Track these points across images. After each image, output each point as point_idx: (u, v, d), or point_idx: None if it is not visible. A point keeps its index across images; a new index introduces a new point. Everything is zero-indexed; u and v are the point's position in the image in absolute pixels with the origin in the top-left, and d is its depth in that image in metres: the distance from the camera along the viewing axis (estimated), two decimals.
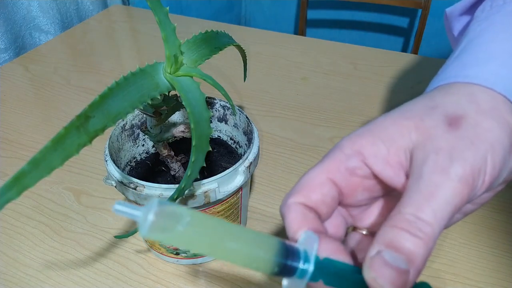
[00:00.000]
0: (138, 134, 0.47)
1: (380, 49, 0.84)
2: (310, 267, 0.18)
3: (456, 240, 0.46)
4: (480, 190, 0.20)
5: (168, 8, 0.29)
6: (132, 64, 0.81)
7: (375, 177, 0.22)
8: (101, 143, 0.38)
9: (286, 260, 0.18)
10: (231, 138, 0.49)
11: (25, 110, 0.69)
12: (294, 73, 0.77)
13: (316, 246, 0.19)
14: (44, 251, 0.46)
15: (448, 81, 0.23)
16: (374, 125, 0.22)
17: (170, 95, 0.35)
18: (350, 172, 0.22)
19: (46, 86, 0.75)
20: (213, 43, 0.34)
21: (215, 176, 0.36)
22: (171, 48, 0.29)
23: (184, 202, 0.36)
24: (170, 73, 0.30)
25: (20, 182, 0.21)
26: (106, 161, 0.39)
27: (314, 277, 0.19)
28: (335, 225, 0.23)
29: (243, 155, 0.39)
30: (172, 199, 0.29)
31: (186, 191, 0.31)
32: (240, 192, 0.41)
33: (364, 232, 0.24)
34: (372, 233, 0.24)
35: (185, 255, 0.43)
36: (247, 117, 0.44)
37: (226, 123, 0.48)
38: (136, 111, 0.45)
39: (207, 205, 0.38)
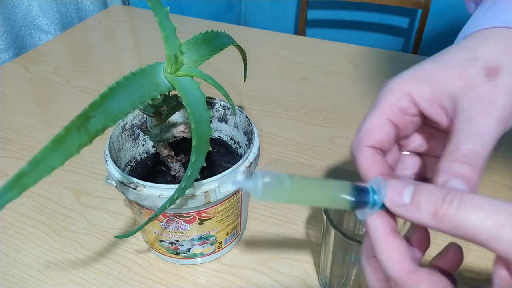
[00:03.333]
0: (138, 134, 0.47)
1: (380, 49, 0.84)
2: (379, 201, 0.23)
3: (456, 241, 0.46)
4: (509, 127, 0.24)
5: (168, 8, 0.29)
6: (132, 64, 0.81)
7: (421, 114, 0.26)
8: (101, 143, 0.38)
9: (358, 197, 0.23)
10: (231, 138, 0.49)
11: (25, 110, 0.69)
12: (294, 73, 0.77)
13: (383, 185, 0.23)
14: (44, 251, 0.46)
15: (484, 27, 0.26)
16: (420, 71, 0.26)
17: (170, 95, 0.35)
18: (403, 111, 0.26)
19: (46, 86, 0.75)
20: (213, 43, 0.34)
21: (215, 176, 0.36)
22: (171, 48, 0.29)
23: (185, 202, 0.36)
24: (170, 73, 0.30)
25: (21, 182, 0.21)
26: (106, 161, 0.39)
27: (382, 207, 0.23)
28: (392, 154, 0.28)
29: (243, 155, 0.39)
30: (173, 199, 0.29)
31: (187, 191, 0.31)
32: (241, 192, 0.41)
33: (405, 153, 0.30)
34: (412, 152, 0.30)
35: (185, 255, 0.43)
36: (247, 117, 0.44)
37: (226, 123, 0.48)
38: (137, 111, 0.45)
39: (207, 205, 0.38)
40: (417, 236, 0.25)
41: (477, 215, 0.19)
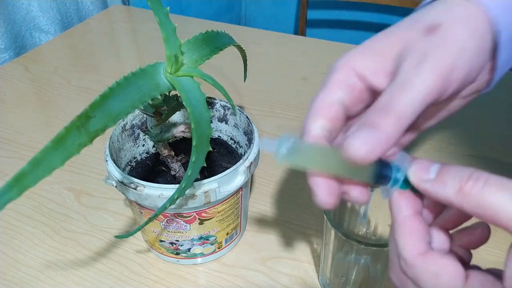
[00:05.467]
0: (139, 134, 0.47)
1: None
2: (401, 177, 0.23)
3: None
4: (454, 84, 0.23)
5: (168, 8, 0.29)
6: (132, 64, 0.81)
7: (369, 89, 0.25)
8: (101, 143, 0.38)
9: (381, 170, 0.23)
10: (231, 138, 0.49)
11: (25, 110, 0.69)
12: (294, 73, 0.77)
13: (407, 163, 0.23)
14: (44, 251, 0.46)
15: None
16: (364, 45, 0.26)
17: (170, 95, 0.35)
18: (351, 88, 0.25)
19: (46, 86, 0.75)
20: (214, 43, 0.34)
21: (215, 176, 0.36)
22: (171, 48, 0.29)
23: (185, 202, 0.36)
24: (170, 73, 0.30)
25: (21, 182, 0.21)
26: (106, 161, 0.39)
27: (404, 186, 0.23)
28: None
29: (244, 155, 0.39)
30: (173, 199, 0.29)
31: (187, 191, 0.31)
32: (241, 192, 0.41)
33: None
34: None
35: (185, 255, 0.43)
36: (247, 117, 0.44)
37: (226, 123, 0.48)
38: (137, 111, 0.45)
39: (207, 205, 0.38)
40: (446, 223, 0.25)
41: (502, 194, 0.18)
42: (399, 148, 0.30)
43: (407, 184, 0.23)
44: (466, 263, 0.24)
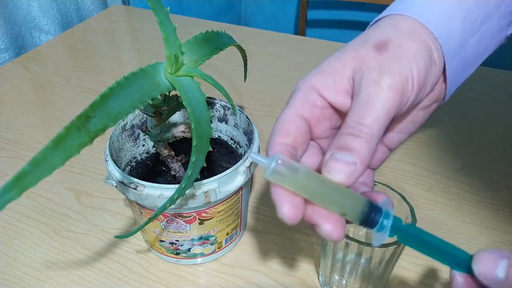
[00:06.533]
0: (139, 134, 0.47)
1: None
2: (389, 223, 0.23)
3: (456, 241, 0.46)
4: (411, 95, 0.24)
5: (168, 8, 0.29)
6: (132, 64, 0.81)
7: (331, 106, 0.27)
8: (101, 143, 0.38)
9: (370, 214, 0.23)
10: (231, 138, 0.49)
11: (25, 110, 0.69)
12: (294, 73, 0.77)
13: (391, 208, 0.23)
14: (44, 251, 0.46)
15: (382, 15, 0.28)
16: (321, 66, 0.27)
17: (170, 95, 0.35)
18: (312, 105, 0.26)
19: (46, 86, 0.75)
20: (214, 43, 0.34)
21: (215, 176, 0.36)
22: (171, 48, 0.29)
23: (185, 202, 0.36)
24: (170, 73, 0.30)
25: (21, 182, 0.21)
26: (106, 161, 0.39)
27: (391, 233, 0.23)
28: (311, 154, 0.28)
29: (243, 155, 0.39)
30: (173, 199, 0.29)
31: (187, 191, 0.31)
32: (241, 192, 0.41)
33: None
34: None
35: (185, 255, 0.43)
36: (247, 117, 0.44)
37: (226, 123, 0.48)
38: (137, 111, 0.45)
39: (207, 205, 0.38)
40: None
41: None
42: (375, 165, 0.31)
43: (396, 232, 0.23)
44: None
